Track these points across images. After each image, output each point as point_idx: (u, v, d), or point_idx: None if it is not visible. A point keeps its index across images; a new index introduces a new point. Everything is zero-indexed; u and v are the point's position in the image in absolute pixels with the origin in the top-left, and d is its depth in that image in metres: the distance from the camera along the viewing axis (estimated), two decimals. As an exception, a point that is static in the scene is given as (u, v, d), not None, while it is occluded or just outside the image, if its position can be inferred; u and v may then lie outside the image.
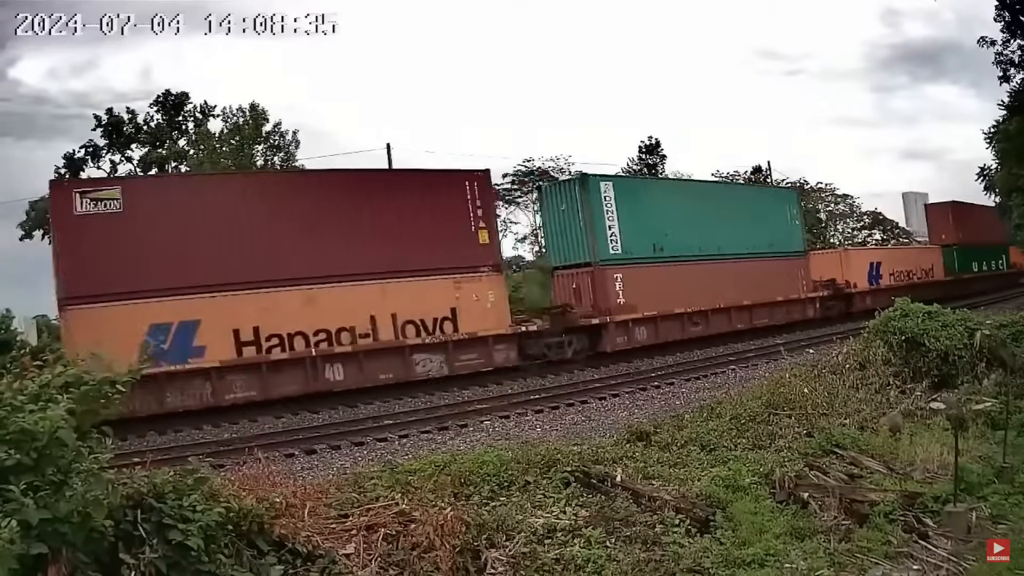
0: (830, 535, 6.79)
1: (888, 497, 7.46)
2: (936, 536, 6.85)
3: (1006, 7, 26.42)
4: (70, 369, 4.71)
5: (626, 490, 7.27)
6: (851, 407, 10.97)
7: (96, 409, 4.72)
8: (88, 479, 4.41)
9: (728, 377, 16.51)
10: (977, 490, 7.61)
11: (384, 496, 6.66)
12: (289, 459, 11.00)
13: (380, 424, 13.87)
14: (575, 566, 5.92)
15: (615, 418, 12.95)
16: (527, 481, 7.38)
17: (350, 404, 16.20)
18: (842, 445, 9.27)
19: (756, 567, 6.15)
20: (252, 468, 6.82)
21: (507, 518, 6.42)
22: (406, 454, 10.63)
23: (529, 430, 12.44)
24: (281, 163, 38.98)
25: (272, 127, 38.85)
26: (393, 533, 5.96)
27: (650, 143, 50.28)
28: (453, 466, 7.56)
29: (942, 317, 12.59)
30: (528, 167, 45.47)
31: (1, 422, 4.17)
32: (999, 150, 29.81)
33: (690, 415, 10.64)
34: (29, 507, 3.92)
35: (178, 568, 4.55)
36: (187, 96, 39.58)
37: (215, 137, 38.35)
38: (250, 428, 14.48)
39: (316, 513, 6.11)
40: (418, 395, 16.97)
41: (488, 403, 15.34)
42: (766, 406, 10.50)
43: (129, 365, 5.04)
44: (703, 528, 6.79)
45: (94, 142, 38.45)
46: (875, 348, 12.70)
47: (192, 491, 4.96)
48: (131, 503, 4.67)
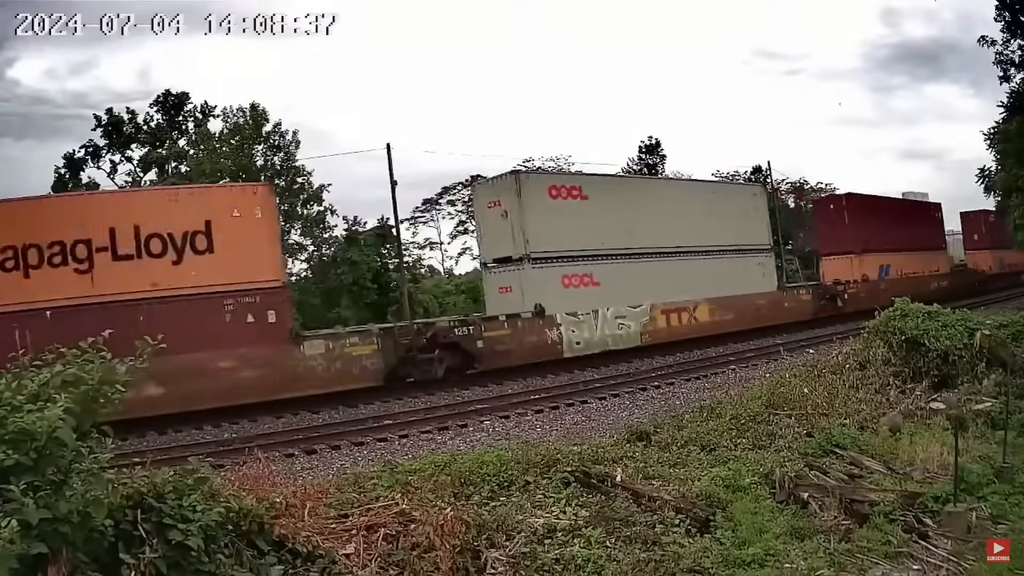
0: (830, 535, 6.78)
1: (888, 497, 7.46)
2: (936, 536, 6.84)
3: (1006, 7, 26.45)
4: (69, 368, 4.70)
5: (626, 490, 7.26)
6: (851, 407, 10.97)
7: (96, 409, 4.71)
8: (88, 479, 4.41)
9: (728, 377, 16.54)
10: (977, 490, 7.59)
11: (384, 496, 6.65)
12: (289, 459, 11.02)
13: (380, 424, 13.88)
14: (575, 566, 5.91)
15: (615, 418, 12.96)
16: (527, 481, 7.37)
17: (350, 404, 16.22)
18: (842, 445, 9.26)
19: (756, 567, 6.15)
20: (252, 468, 6.82)
21: (507, 518, 6.42)
22: (406, 454, 10.65)
23: (529, 430, 12.46)
24: (281, 163, 38.97)
25: (272, 127, 38.87)
26: (393, 533, 5.96)
27: (650, 143, 50.33)
28: (453, 466, 7.56)
29: (942, 317, 12.58)
30: (528, 167, 45.50)
31: (0, 421, 4.17)
32: (999, 150, 29.83)
33: (690, 415, 10.64)
34: (29, 507, 3.91)
35: (178, 568, 4.54)
36: (187, 96, 39.63)
37: (215, 137, 38.36)
38: (250, 428, 14.50)
39: (316, 513, 6.11)
40: (418, 395, 16.99)
41: (488, 403, 15.36)
42: (766, 406, 10.50)
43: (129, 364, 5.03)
44: (703, 528, 6.78)
45: (94, 142, 38.49)
46: (875, 348, 12.69)
47: (192, 491, 4.96)
48: (131, 503, 4.66)
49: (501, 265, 20.91)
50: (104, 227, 15.25)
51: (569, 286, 20.61)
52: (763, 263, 26.09)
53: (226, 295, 15.84)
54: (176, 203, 16.30)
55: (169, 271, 15.51)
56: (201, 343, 14.86)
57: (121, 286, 14.98)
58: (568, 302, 20.33)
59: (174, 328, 12.03)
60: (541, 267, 20.21)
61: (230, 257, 15.92)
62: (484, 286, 22.60)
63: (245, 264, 16.07)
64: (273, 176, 39.13)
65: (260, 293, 16.18)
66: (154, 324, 13.21)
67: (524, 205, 20.11)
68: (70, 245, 14.94)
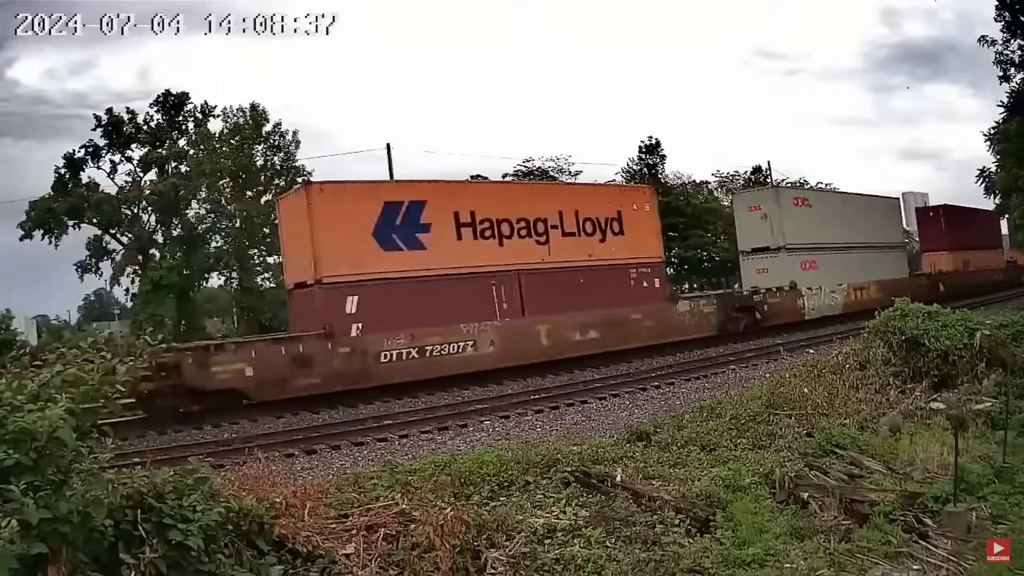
0: (830, 535, 6.78)
1: (888, 497, 7.46)
2: (936, 536, 6.84)
3: (1006, 7, 26.47)
4: (69, 368, 4.70)
5: (626, 490, 7.26)
6: (851, 407, 10.97)
7: (96, 409, 4.71)
8: (88, 479, 4.41)
9: (728, 377, 16.54)
10: (977, 490, 7.59)
11: (384, 496, 6.65)
12: (289, 459, 11.01)
13: (380, 424, 13.88)
14: (575, 566, 5.91)
15: (615, 418, 12.96)
16: (527, 481, 7.38)
17: (350, 404, 16.22)
18: (842, 445, 9.26)
19: (756, 567, 6.15)
20: (252, 468, 6.82)
21: (507, 518, 6.42)
22: (406, 454, 10.64)
23: (529, 430, 12.45)
24: (281, 163, 39.00)
25: (272, 127, 38.91)
26: (393, 533, 5.96)
27: (650, 143, 50.32)
28: (453, 466, 7.56)
29: (942, 317, 12.57)
30: (528, 167, 45.56)
31: (0, 421, 4.17)
32: (999, 150, 29.86)
33: (690, 415, 10.64)
34: (29, 507, 3.91)
35: (178, 568, 4.54)
36: (187, 96, 39.60)
37: (215, 137, 38.37)
38: (250, 428, 14.49)
39: (316, 513, 6.11)
40: (418, 395, 16.99)
41: (488, 403, 15.36)
42: (766, 406, 10.50)
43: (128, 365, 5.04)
44: (703, 528, 6.78)
45: (94, 142, 38.46)
46: (875, 348, 12.69)
47: (192, 491, 4.96)
48: (131, 503, 4.66)
49: (758, 253, 28.77)
50: (556, 210, 20.83)
51: (805, 269, 28.18)
52: (898, 257, 34.51)
53: (631, 266, 22.05)
54: (601, 197, 22.93)
55: (598, 246, 21.45)
56: (618, 301, 21.03)
57: (567, 256, 20.69)
58: (804, 281, 27.81)
59: (600, 289, 20.73)
60: (791, 255, 28.00)
61: (633, 238, 22.09)
62: (741, 267, 30.68)
63: (640, 244, 22.36)
64: (273, 176, 39.16)
65: (650, 265, 22.65)
66: (588, 285, 21.08)
67: (782, 210, 28.31)
68: (532, 222, 20.22)
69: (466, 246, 19.03)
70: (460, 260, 18.81)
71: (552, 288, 20.00)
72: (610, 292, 20.78)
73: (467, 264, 18.88)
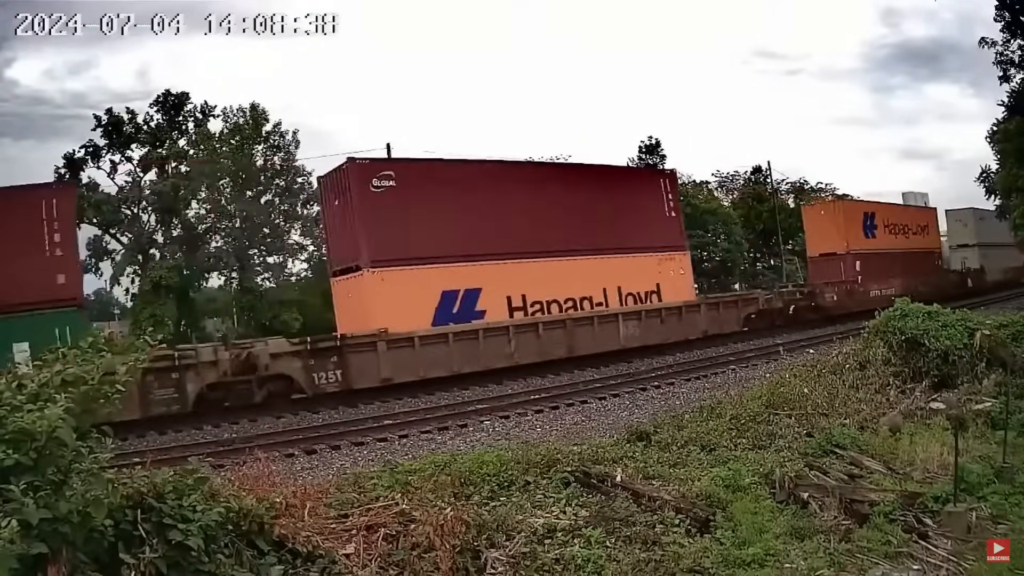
0: (830, 535, 6.78)
1: (888, 497, 7.46)
2: (936, 536, 6.84)
3: (1006, 7, 26.44)
4: (69, 368, 4.70)
5: (626, 490, 7.26)
6: (851, 407, 10.97)
7: (96, 408, 4.71)
8: (88, 479, 4.41)
9: (728, 377, 16.54)
10: (977, 490, 7.60)
11: (384, 496, 6.66)
12: (289, 459, 11.00)
13: (380, 424, 13.87)
14: (575, 566, 5.91)
15: (615, 418, 12.96)
16: (527, 481, 7.38)
17: (350, 404, 16.22)
18: (842, 445, 9.26)
19: (756, 567, 6.15)
20: (252, 468, 6.82)
21: (507, 518, 6.42)
22: (406, 454, 10.64)
23: (529, 430, 12.45)
24: (281, 163, 38.93)
25: (272, 127, 38.81)
26: (393, 533, 5.96)
27: (650, 143, 50.22)
28: (453, 466, 7.56)
29: (942, 317, 12.57)
30: (528, 167, 45.32)
31: (0, 421, 4.17)
32: (999, 150, 29.83)
33: (690, 415, 10.64)
34: (29, 507, 3.91)
35: (178, 568, 4.54)
36: (187, 96, 39.52)
37: (215, 137, 38.30)
38: (250, 428, 14.49)
39: (316, 513, 6.11)
40: (418, 395, 16.99)
41: (488, 403, 15.36)
42: (766, 406, 10.50)
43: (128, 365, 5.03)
44: (703, 528, 6.78)
45: (94, 142, 38.37)
46: (875, 348, 12.69)
47: (192, 491, 4.96)
48: (131, 503, 4.66)
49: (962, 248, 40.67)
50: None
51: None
52: (968, 256, 41.51)
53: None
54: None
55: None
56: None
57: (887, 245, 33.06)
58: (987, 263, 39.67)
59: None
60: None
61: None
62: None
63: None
64: (273, 176, 39.10)
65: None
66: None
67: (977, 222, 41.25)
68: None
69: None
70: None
71: (877, 269, 31.56)
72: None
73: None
